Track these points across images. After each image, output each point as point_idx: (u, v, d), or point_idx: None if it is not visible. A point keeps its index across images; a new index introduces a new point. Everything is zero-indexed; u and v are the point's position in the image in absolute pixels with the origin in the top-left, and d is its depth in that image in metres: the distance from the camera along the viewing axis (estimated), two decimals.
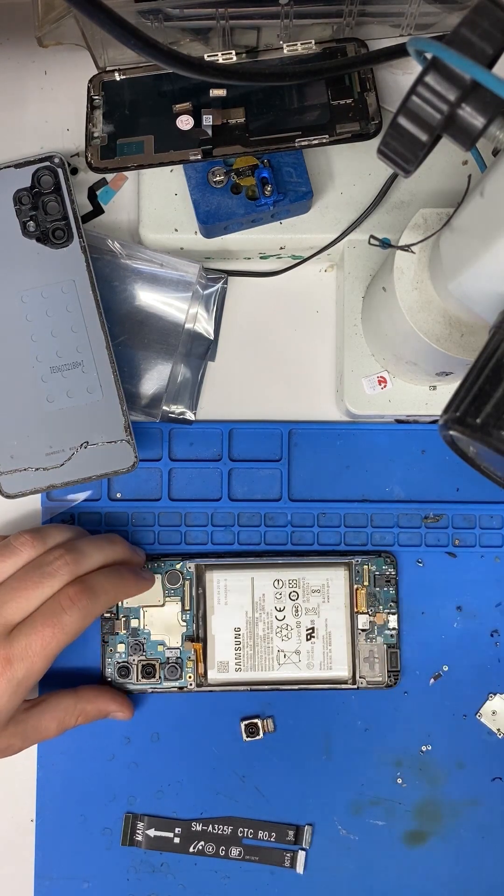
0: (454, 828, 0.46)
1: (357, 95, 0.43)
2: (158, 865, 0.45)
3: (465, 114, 0.26)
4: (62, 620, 0.39)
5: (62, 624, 0.39)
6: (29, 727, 0.41)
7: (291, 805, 0.46)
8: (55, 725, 0.42)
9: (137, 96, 0.44)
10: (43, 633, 0.39)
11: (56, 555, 0.40)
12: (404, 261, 0.38)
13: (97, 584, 0.41)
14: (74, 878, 0.45)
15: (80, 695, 0.43)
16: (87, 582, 0.40)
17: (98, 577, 0.41)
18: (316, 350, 0.48)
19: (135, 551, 0.45)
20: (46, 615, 0.39)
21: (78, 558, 0.41)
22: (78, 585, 0.40)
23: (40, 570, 0.40)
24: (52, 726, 0.42)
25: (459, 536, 0.47)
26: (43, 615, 0.39)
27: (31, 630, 0.39)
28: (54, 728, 0.42)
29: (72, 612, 0.39)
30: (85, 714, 0.43)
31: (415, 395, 0.45)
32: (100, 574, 0.41)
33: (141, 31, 0.33)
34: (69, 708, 0.42)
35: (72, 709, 0.42)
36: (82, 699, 0.43)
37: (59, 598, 0.39)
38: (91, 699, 0.43)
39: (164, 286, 0.46)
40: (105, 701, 0.44)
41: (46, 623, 0.39)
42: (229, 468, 0.47)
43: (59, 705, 0.42)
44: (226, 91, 0.43)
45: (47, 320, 0.43)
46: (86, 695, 0.43)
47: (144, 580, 0.44)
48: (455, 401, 0.28)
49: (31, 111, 0.48)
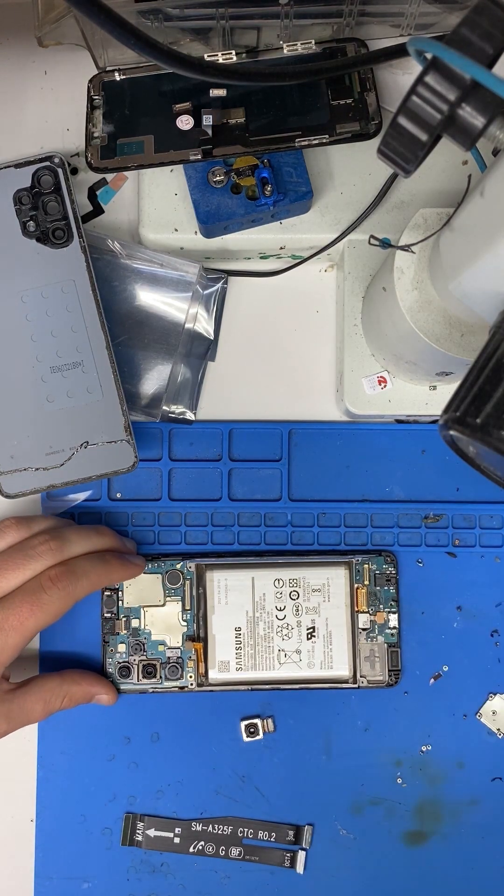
0: (454, 828, 0.46)
1: (357, 95, 0.43)
2: (158, 865, 0.45)
3: (465, 114, 0.26)
4: (41, 599, 0.39)
5: (41, 603, 0.39)
6: (14, 708, 0.41)
7: (291, 805, 0.46)
8: (41, 707, 0.42)
9: (137, 96, 0.44)
10: (20, 610, 0.39)
11: (41, 539, 0.41)
12: (404, 261, 0.38)
13: (79, 567, 0.41)
14: (74, 878, 0.45)
15: (65, 677, 0.43)
16: (70, 565, 0.41)
17: (81, 560, 0.42)
18: (316, 350, 0.48)
19: (123, 542, 0.45)
20: (26, 593, 0.40)
21: (62, 545, 0.41)
22: (60, 567, 0.41)
23: (23, 552, 0.40)
24: (38, 708, 0.42)
25: (459, 536, 0.47)
26: (23, 592, 0.40)
27: (9, 606, 0.39)
28: (40, 710, 0.42)
29: (51, 592, 0.40)
30: (70, 696, 0.43)
31: (415, 395, 0.45)
32: (83, 558, 0.42)
33: (141, 31, 0.33)
34: (54, 689, 0.42)
35: (57, 690, 0.42)
36: (67, 681, 0.43)
37: (39, 578, 0.40)
38: (76, 681, 0.43)
39: (164, 286, 0.46)
40: (90, 683, 0.44)
41: (25, 600, 0.39)
42: (229, 468, 0.47)
43: (44, 687, 0.42)
44: (226, 91, 0.43)
45: (47, 320, 0.43)
46: (71, 676, 0.43)
47: (132, 566, 0.44)
48: (455, 401, 0.28)
49: (31, 111, 0.48)
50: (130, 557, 0.45)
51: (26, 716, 0.41)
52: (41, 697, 0.42)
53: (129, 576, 0.45)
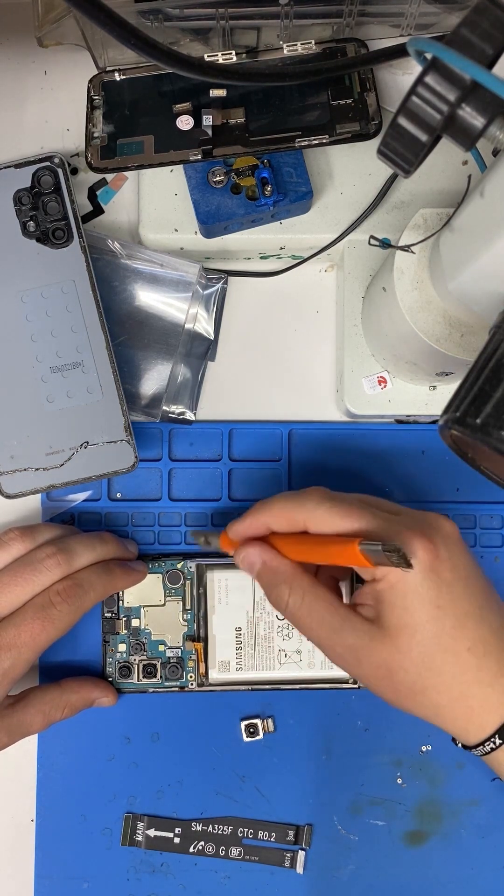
0: (454, 828, 0.46)
1: (357, 95, 0.43)
2: (158, 865, 0.45)
3: (465, 114, 0.26)
4: (51, 614, 0.40)
5: (51, 618, 0.40)
6: (14, 721, 0.41)
7: (291, 805, 0.46)
8: (41, 719, 0.42)
9: (137, 96, 0.44)
10: (32, 626, 0.39)
11: (48, 552, 0.41)
12: (404, 261, 0.38)
13: (86, 580, 0.41)
14: (74, 878, 0.45)
15: (63, 687, 0.43)
16: (77, 578, 0.41)
17: (87, 573, 0.42)
18: (316, 350, 0.48)
19: (126, 547, 0.45)
20: (37, 608, 0.40)
21: (69, 557, 0.41)
22: (67, 581, 0.41)
23: (31, 567, 0.40)
24: (38, 720, 0.42)
25: None
26: (33, 608, 0.40)
27: (21, 622, 0.39)
28: (40, 721, 0.42)
29: (61, 607, 0.40)
30: (71, 705, 0.43)
31: (415, 395, 0.45)
32: (89, 570, 0.42)
33: (141, 31, 0.34)
34: (54, 700, 0.42)
35: (57, 701, 0.42)
36: (66, 691, 0.43)
37: (48, 593, 0.40)
38: (75, 689, 0.43)
39: (164, 286, 0.46)
40: (88, 689, 0.44)
41: (37, 616, 0.40)
42: (229, 468, 0.47)
43: (43, 698, 0.42)
44: (226, 91, 0.43)
45: (47, 320, 0.43)
46: (69, 686, 0.43)
47: (134, 573, 0.45)
48: (455, 401, 0.28)
49: (31, 111, 0.48)
50: (133, 564, 0.45)
51: (26, 729, 0.41)
52: (41, 710, 0.42)
53: (133, 583, 0.45)
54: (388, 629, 0.34)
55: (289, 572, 0.37)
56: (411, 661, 0.34)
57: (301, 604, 0.36)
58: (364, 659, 0.35)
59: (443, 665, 0.34)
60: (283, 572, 0.37)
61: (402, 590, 0.34)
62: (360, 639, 0.35)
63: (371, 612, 0.35)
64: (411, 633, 0.34)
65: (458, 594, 0.34)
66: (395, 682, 0.35)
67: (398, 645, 0.34)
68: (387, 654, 0.34)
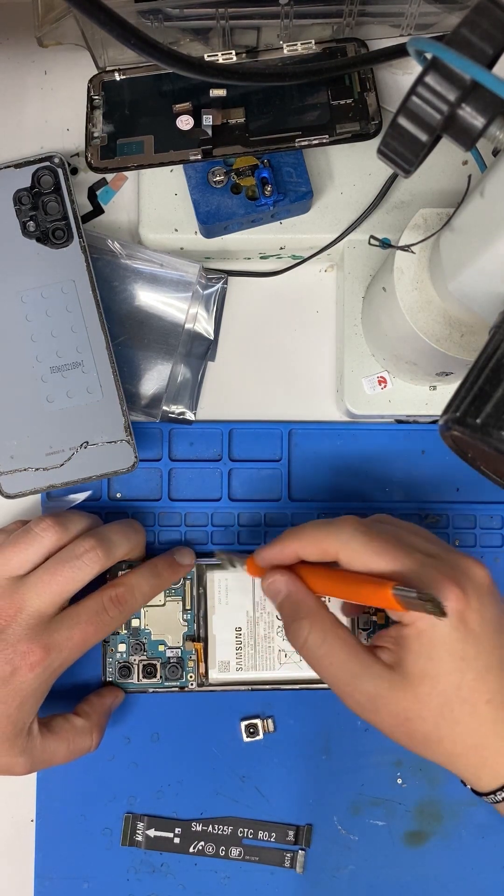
0: (454, 828, 0.46)
1: (357, 95, 0.43)
2: (158, 865, 0.45)
3: (465, 114, 0.26)
4: (103, 619, 0.40)
5: (103, 623, 0.40)
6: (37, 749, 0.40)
7: (291, 805, 0.46)
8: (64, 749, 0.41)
9: (137, 96, 0.44)
10: (85, 629, 0.40)
11: (86, 546, 0.40)
12: (404, 261, 0.38)
13: (137, 586, 0.42)
14: (74, 878, 0.45)
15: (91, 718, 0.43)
16: (128, 584, 0.42)
17: (137, 577, 0.42)
18: (316, 350, 0.48)
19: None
20: (91, 612, 0.40)
21: (108, 551, 0.41)
22: (121, 588, 0.41)
23: (71, 564, 0.40)
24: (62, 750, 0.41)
25: (459, 536, 0.47)
26: (87, 611, 0.40)
27: (75, 624, 0.40)
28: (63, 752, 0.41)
29: (113, 612, 0.41)
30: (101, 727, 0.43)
31: (415, 395, 0.45)
32: (138, 575, 0.42)
33: (141, 31, 0.34)
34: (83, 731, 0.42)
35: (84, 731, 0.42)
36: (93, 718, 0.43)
37: (102, 598, 0.41)
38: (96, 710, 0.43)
39: (164, 286, 0.46)
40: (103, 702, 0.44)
41: (91, 620, 0.40)
42: (229, 468, 0.47)
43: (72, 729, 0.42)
44: (226, 91, 0.43)
45: (47, 320, 0.43)
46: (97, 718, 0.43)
47: (181, 568, 0.45)
48: (455, 401, 0.28)
49: (31, 111, 0.48)
50: (178, 557, 0.45)
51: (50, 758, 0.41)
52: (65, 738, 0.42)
53: (178, 579, 0.45)
54: (409, 677, 0.34)
55: (312, 608, 0.36)
56: (430, 710, 0.34)
57: (321, 644, 0.35)
58: (383, 708, 0.34)
59: (460, 716, 0.34)
60: (308, 607, 0.36)
61: (429, 638, 0.33)
62: (379, 687, 0.34)
63: (391, 657, 0.35)
64: (433, 683, 0.33)
65: (484, 646, 0.34)
66: (410, 730, 0.34)
67: (418, 694, 0.34)
68: (406, 702, 0.34)
